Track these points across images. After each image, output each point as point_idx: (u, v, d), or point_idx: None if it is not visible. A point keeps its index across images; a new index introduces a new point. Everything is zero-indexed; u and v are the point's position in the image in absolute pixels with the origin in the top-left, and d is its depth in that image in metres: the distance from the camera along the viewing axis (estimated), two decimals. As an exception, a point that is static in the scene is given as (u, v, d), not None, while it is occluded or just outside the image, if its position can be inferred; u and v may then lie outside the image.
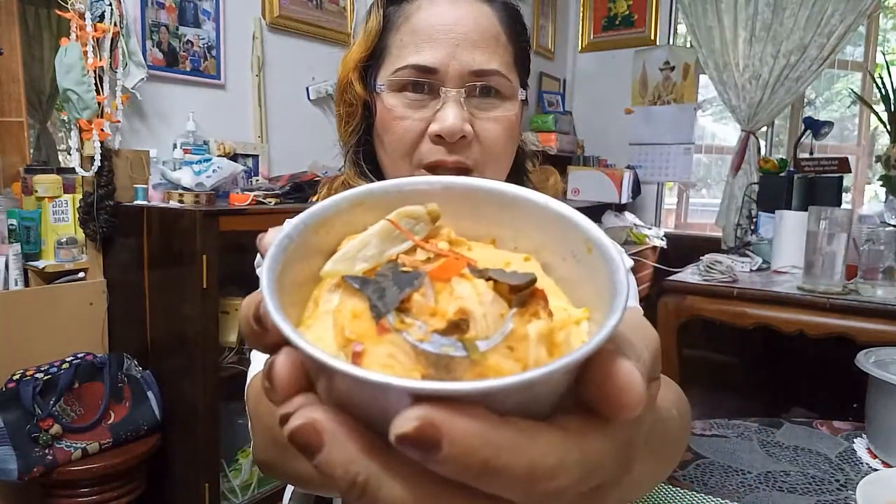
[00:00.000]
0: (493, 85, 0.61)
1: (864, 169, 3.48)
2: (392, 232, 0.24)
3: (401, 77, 0.60)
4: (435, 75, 0.59)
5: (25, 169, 1.81)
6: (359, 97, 0.65)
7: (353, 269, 0.23)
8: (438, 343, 0.20)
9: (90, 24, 1.64)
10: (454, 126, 0.58)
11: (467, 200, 0.26)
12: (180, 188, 1.72)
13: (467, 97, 0.60)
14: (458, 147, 0.60)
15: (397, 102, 0.61)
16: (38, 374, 1.50)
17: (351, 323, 0.21)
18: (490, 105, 0.61)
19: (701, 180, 4.15)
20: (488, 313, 0.21)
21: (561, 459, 0.18)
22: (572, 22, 4.01)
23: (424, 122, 0.60)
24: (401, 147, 0.61)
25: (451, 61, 0.59)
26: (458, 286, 0.21)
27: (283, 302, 0.21)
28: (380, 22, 0.63)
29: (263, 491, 1.83)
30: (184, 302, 1.62)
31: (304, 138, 2.34)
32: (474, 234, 0.26)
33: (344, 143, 0.70)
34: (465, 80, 0.59)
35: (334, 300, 0.22)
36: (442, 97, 0.59)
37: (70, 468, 1.48)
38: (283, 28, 2.27)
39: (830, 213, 1.74)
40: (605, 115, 3.85)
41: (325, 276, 0.23)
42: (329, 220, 0.25)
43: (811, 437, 0.99)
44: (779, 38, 3.09)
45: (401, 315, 0.21)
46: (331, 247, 0.25)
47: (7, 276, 1.62)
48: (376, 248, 0.24)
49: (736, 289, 1.87)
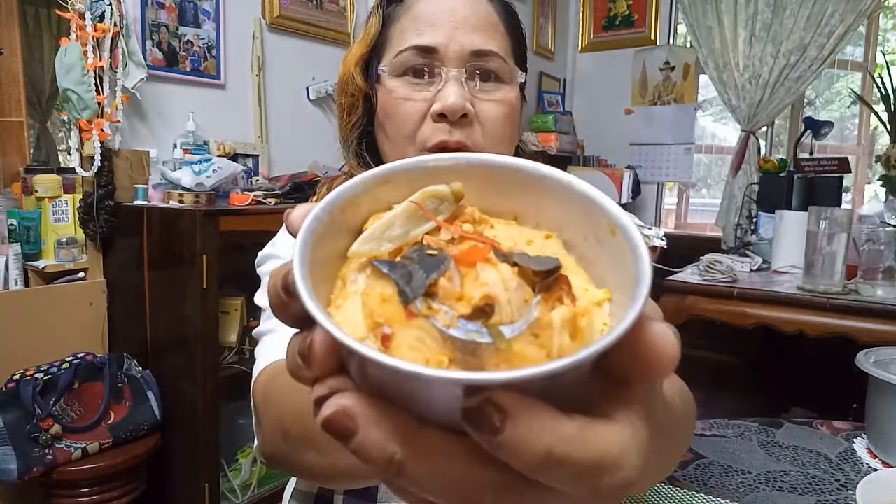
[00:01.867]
0: (492, 67, 0.62)
1: (864, 169, 3.48)
2: (417, 212, 0.24)
3: (402, 59, 0.61)
4: (435, 55, 0.60)
5: (25, 169, 1.81)
6: (360, 89, 0.66)
7: (379, 249, 0.24)
8: (465, 329, 0.20)
9: (90, 24, 1.64)
10: (456, 103, 0.59)
11: (490, 177, 0.26)
12: (180, 188, 1.72)
13: (468, 79, 0.61)
14: (460, 126, 0.60)
15: (398, 85, 0.62)
16: (38, 374, 1.50)
17: (380, 306, 0.21)
18: (490, 87, 0.62)
19: (701, 180, 4.15)
20: (513, 299, 0.21)
21: (624, 451, 0.19)
22: (572, 22, 4.01)
23: (426, 103, 0.61)
24: (404, 129, 0.62)
25: (450, 42, 0.60)
26: (483, 272, 0.22)
27: (313, 280, 0.21)
28: (379, 21, 0.65)
29: (263, 491, 1.83)
30: (184, 302, 1.61)
31: (304, 138, 2.34)
32: (497, 210, 0.26)
33: (344, 138, 0.70)
34: (465, 61, 0.61)
35: (361, 281, 0.23)
36: (443, 77, 0.60)
37: (70, 468, 1.48)
38: (283, 28, 2.27)
39: (830, 213, 1.74)
40: (605, 115, 3.85)
41: (352, 256, 0.24)
42: (356, 199, 0.25)
43: (811, 437, 0.99)
44: (779, 38, 3.09)
45: (428, 300, 0.21)
46: (357, 225, 0.25)
47: (7, 276, 1.62)
48: (401, 229, 0.24)
49: (736, 289, 1.87)
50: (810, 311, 1.74)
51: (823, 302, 1.72)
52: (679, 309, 1.93)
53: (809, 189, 2.42)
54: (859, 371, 0.92)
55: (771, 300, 1.81)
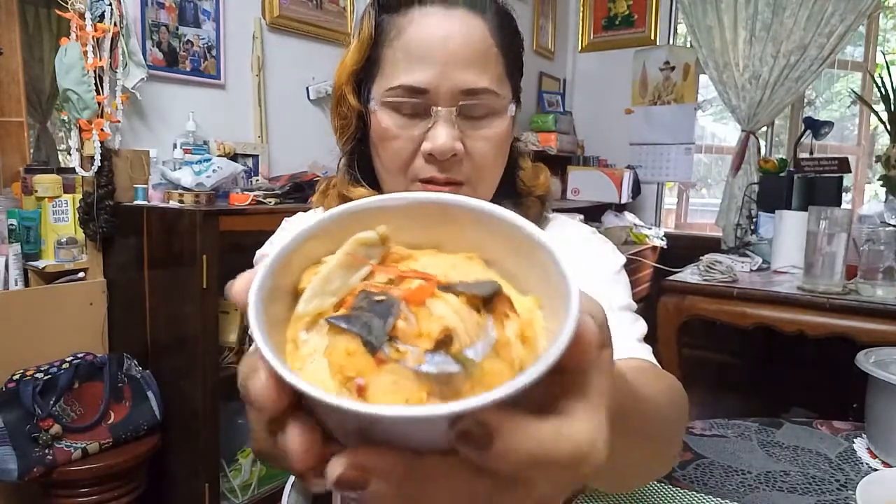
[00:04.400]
0: (484, 103, 0.62)
1: (864, 169, 3.48)
2: (350, 261, 0.26)
3: (393, 96, 0.61)
4: (426, 95, 0.60)
5: (25, 169, 1.81)
6: (353, 109, 0.66)
7: (324, 304, 0.25)
8: (434, 362, 0.22)
9: (90, 24, 1.64)
10: (445, 146, 0.60)
11: (408, 215, 0.28)
12: (180, 188, 1.72)
13: (458, 115, 0.61)
14: (449, 164, 0.61)
15: (390, 122, 0.62)
16: (38, 374, 1.50)
17: (348, 361, 0.22)
18: (481, 123, 0.62)
19: (701, 180, 4.15)
20: (467, 325, 0.23)
21: (592, 441, 0.22)
22: (572, 22, 4.01)
23: (417, 141, 0.61)
24: (395, 164, 0.63)
25: (441, 81, 0.60)
26: (434, 306, 0.23)
27: (274, 349, 0.23)
28: (372, 31, 0.64)
29: (263, 491, 1.83)
30: (184, 302, 1.61)
31: (304, 138, 2.34)
32: (419, 243, 0.28)
33: (341, 149, 0.71)
34: (456, 99, 0.60)
35: (314, 341, 0.24)
36: (433, 116, 0.60)
37: (70, 468, 1.48)
38: (283, 28, 2.27)
39: (830, 213, 1.74)
40: (605, 115, 3.85)
41: (301, 316, 0.25)
42: (288, 260, 0.26)
43: (811, 437, 0.99)
44: (779, 38, 3.09)
45: (392, 344, 0.22)
46: (292, 285, 0.26)
47: (7, 276, 1.62)
48: (340, 280, 0.25)
49: (736, 289, 1.87)
50: (810, 311, 1.74)
51: (823, 302, 1.72)
52: (679, 309, 1.93)
53: (809, 189, 2.42)
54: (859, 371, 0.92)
55: (771, 300, 1.81)
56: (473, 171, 0.63)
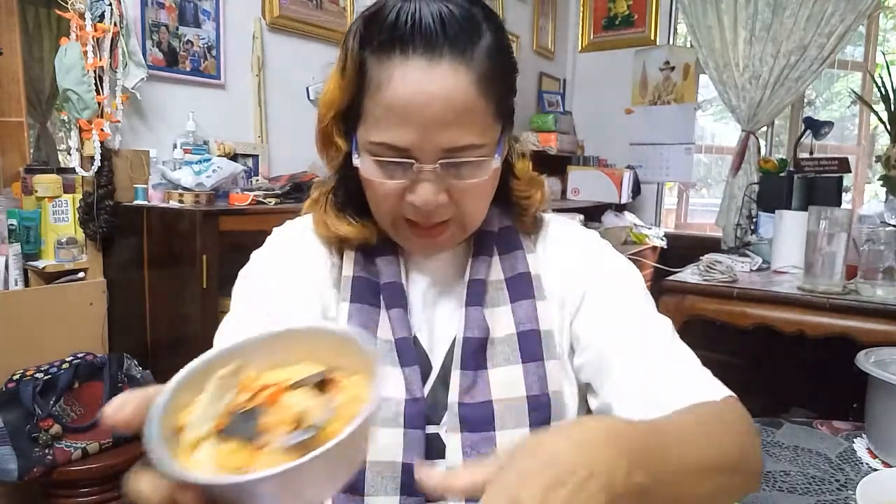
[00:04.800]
0: (467, 158, 0.60)
1: (864, 169, 3.48)
2: (217, 393, 0.35)
3: (376, 151, 0.61)
4: (408, 152, 0.59)
5: (25, 169, 1.81)
6: (340, 150, 0.67)
7: (202, 430, 0.33)
8: (294, 437, 0.32)
9: (90, 24, 1.64)
10: (427, 203, 0.60)
11: (255, 349, 0.39)
12: (180, 188, 1.72)
13: (442, 169, 0.60)
14: (434, 213, 0.62)
15: (376, 171, 0.61)
16: (38, 374, 1.50)
17: (234, 457, 0.31)
18: (464, 174, 0.61)
19: (701, 180, 4.15)
20: (315, 404, 0.34)
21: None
22: (572, 22, 4.01)
23: (402, 189, 0.61)
24: (382, 207, 0.64)
25: (423, 142, 0.58)
26: (286, 402, 0.34)
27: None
28: (354, 74, 0.61)
29: (263, 491, 1.83)
30: (184, 302, 1.61)
31: (304, 138, 2.32)
32: (268, 365, 0.38)
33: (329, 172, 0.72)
34: (438, 156, 0.59)
35: (203, 453, 0.32)
36: (416, 172, 0.60)
37: (70, 468, 1.48)
38: (283, 28, 2.27)
39: (830, 213, 1.74)
40: (605, 115, 3.85)
41: (187, 446, 0.33)
42: (169, 411, 0.34)
43: (811, 437, 0.99)
44: (779, 38, 3.09)
45: (262, 436, 0.32)
46: (177, 427, 0.34)
47: (7, 276, 1.62)
48: (213, 407, 0.34)
49: (736, 289, 1.86)
50: (810, 311, 1.74)
51: (823, 302, 1.72)
52: (679, 309, 1.92)
53: (809, 189, 2.42)
54: (859, 371, 0.92)
55: (771, 300, 1.81)
56: (460, 213, 0.64)
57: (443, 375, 0.65)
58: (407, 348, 0.64)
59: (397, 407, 0.61)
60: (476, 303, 0.67)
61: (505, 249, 0.71)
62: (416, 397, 0.62)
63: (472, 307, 0.66)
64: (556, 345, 0.67)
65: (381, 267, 0.69)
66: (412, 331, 0.66)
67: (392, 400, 0.61)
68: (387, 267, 0.69)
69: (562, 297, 0.70)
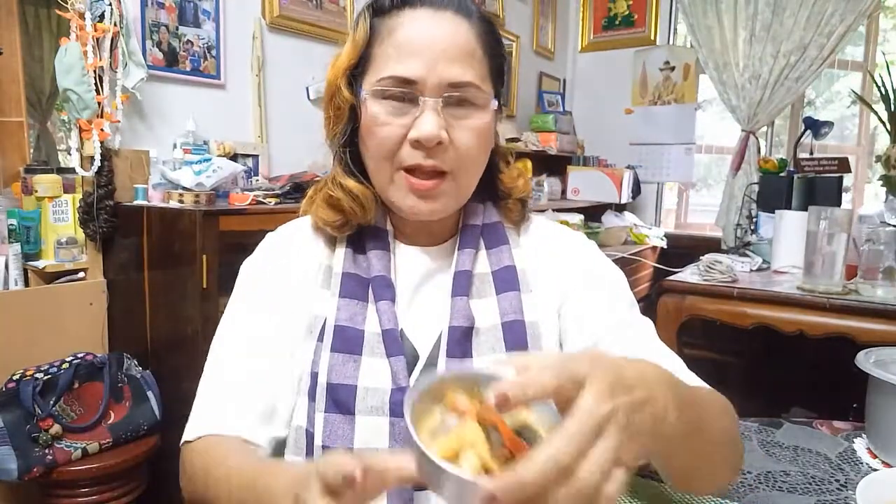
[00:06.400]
0: (468, 96, 0.66)
1: (864, 169, 3.48)
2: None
3: (383, 86, 0.65)
4: (414, 85, 0.64)
5: (25, 169, 1.81)
6: (346, 101, 0.69)
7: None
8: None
9: (90, 23, 1.64)
10: (431, 133, 0.64)
11: (465, 380, 0.43)
12: (180, 188, 1.72)
13: (444, 106, 0.65)
14: (435, 152, 0.65)
15: (380, 110, 0.66)
16: (38, 374, 1.50)
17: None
18: (465, 114, 0.66)
19: (701, 180, 4.15)
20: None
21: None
22: (572, 22, 4.01)
23: (404, 129, 0.65)
24: (382, 151, 0.67)
25: (429, 74, 0.64)
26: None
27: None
28: (367, 32, 0.68)
29: (263, 491, 1.83)
30: (184, 302, 1.61)
31: (304, 138, 2.33)
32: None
33: (331, 142, 0.75)
34: (442, 90, 0.64)
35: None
36: (420, 105, 0.64)
37: (70, 468, 1.48)
38: (283, 28, 2.27)
39: (830, 213, 1.74)
40: (605, 115, 3.85)
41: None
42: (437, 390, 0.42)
43: (811, 437, 0.99)
44: (779, 38, 3.09)
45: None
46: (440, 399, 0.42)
47: (7, 276, 1.62)
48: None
49: (736, 289, 1.86)
50: (810, 311, 1.74)
51: (823, 302, 1.72)
52: (679, 309, 1.93)
53: (809, 189, 2.42)
54: (859, 371, 0.92)
55: (771, 300, 1.81)
56: (457, 162, 0.67)
57: (429, 365, 0.67)
58: (393, 339, 0.66)
59: (383, 396, 0.64)
60: (462, 293, 0.69)
61: (491, 243, 0.74)
62: (402, 386, 0.64)
63: (457, 297, 0.69)
64: (542, 335, 0.70)
65: (372, 260, 0.71)
66: (399, 323, 0.68)
67: (378, 389, 0.64)
68: (378, 260, 0.71)
69: (547, 291, 0.73)
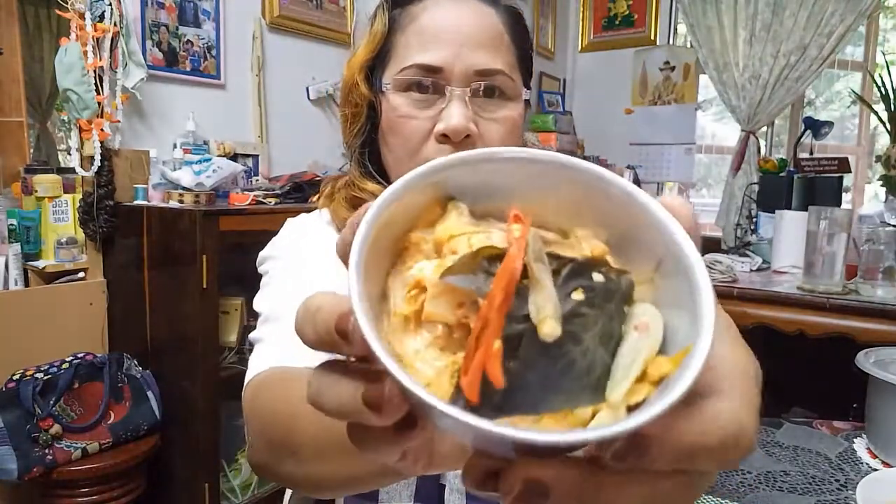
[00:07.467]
0: (498, 84, 0.61)
1: (864, 169, 3.48)
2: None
3: (406, 76, 0.60)
4: (440, 74, 0.59)
5: (25, 169, 1.81)
6: (364, 98, 0.65)
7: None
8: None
9: (90, 23, 1.64)
10: (459, 125, 0.58)
11: (544, 178, 0.24)
12: (180, 188, 1.72)
13: (472, 97, 0.60)
14: (462, 147, 0.59)
15: (402, 102, 0.61)
16: (38, 374, 1.50)
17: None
18: (494, 105, 0.61)
19: (701, 180, 4.15)
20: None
21: (740, 427, 0.20)
22: (572, 22, 4.01)
23: (430, 122, 0.60)
24: (406, 147, 0.61)
25: (455, 60, 0.59)
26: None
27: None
28: (385, 24, 0.63)
29: (263, 491, 1.83)
30: (184, 302, 1.61)
31: (304, 138, 2.33)
32: (537, 205, 0.24)
33: (349, 145, 0.69)
34: (469, 80, 0.59)
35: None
36: (447, 96, 0.59)
37: (70, 468, 1.48)
38: (283, 28, 2.26)
39: (830, 213, 1.74)
40: (605, 115, 3.85)
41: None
42: (392, 216, 0.22)
43: (811, 437, 0.99)
44: (779, 38, 3.09)
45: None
46: (396, 244, 0.23)
47: (7, 276, 1.62)
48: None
49: (736, 289, 1.86)
50: (810, 310, 1.74)
51: (823, 302, 1.72)
52: (679, 309, 1.92)
53: (809, 189, 2.42)
54: (859, 371, 0.92)
55: (771, 300, 1.81)
56: None
57: None
58: None
59: None
60: None
61: None
62: None
63: None
64: None
65: None
66: None
67: None
68: None
69: None
